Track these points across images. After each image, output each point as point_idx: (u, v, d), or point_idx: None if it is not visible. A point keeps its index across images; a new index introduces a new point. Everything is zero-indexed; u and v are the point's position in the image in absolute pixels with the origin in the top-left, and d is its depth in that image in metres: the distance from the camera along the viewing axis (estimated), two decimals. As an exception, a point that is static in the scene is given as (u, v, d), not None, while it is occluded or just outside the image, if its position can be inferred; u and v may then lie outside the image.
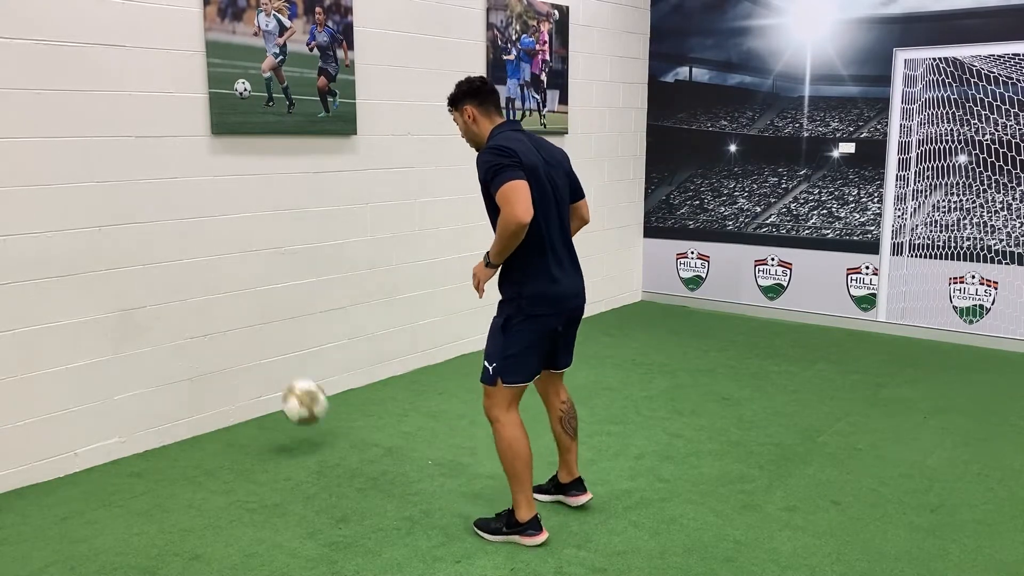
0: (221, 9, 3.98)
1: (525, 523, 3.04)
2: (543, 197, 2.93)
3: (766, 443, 4.05)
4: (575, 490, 3.35)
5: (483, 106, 3.05)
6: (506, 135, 2.96)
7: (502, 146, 2.87)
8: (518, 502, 3.05)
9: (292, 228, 4.47)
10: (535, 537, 3.05)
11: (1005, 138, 5.61)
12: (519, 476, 3.02)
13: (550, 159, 3.03)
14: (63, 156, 3.55)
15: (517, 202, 2.77)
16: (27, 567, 2.94)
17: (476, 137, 3.07)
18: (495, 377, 2.99)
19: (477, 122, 3.05)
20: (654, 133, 7.16)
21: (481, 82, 3.07)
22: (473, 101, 3.05)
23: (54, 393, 3.64)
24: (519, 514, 3.05)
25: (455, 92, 3.08)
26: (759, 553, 3.02)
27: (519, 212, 2.77)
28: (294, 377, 4.04)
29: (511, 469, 3.02)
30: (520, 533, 3.05)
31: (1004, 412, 4.49)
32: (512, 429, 3.01)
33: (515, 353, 2.97)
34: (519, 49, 5.70)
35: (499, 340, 2.99)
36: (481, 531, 3.13)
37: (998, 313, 5.77)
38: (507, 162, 2.83)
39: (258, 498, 3.47)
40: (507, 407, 3.02)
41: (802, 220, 6.52)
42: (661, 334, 6.20)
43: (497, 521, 3.11)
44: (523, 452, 3.02)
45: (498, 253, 2.90)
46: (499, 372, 2.98)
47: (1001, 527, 3.21)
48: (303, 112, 4.40)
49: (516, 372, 2.99)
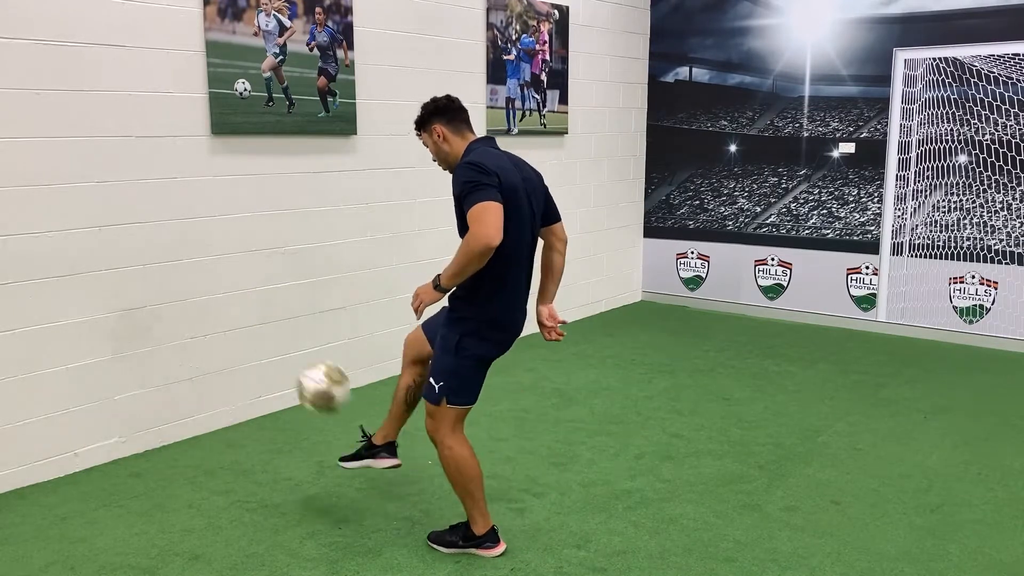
0: (221, 9, 3.98)
1: (482, 536, 2.99)
2: (520, 219, 2.81)
3: (766, 443, 4.05)
4: (387, 452, 3.30)
5: (452, 123, 2.91)
6: (485, 151, 2.82)
7: (481, 164, 2.73)
8: (473, 517, 2.99)
9: (292, 228, 4.46)
10: (493, 549, 2.99)
11: (1005, 138, 5.61)
12: (472, 494, 2.96)
13: (528, 179, 2.90)
14: (63, 156, 3.55)
15: (489, 223, 2.63)
16: (27, 567, 2.94)
17: (447, 156, 2.93)
18: (440, 397, 2.88)
19: (448, 140, 2.90)
20: (654, 133, 7.16)
21: (448, 100, 2.94)
22: (441, 119, 2.91)
23: (54, 393, 3.64)
24: (475, 528, 2.99)
25: (420, 114, 2.96)
26: (759, 553, 3.02)
27: (491, 233, 2.62)
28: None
29: (462, 489, 2.96)
30: (478, 546, 2.99)
31: (1004, 412, 4.49)
32: (459, 449, 2.92)
33: (467, 375, 2.88)
34: (519, 49, 5.70)
35: (450, 359, 2.87)
36: (436, 544, 3.05)
37: (998, 313, 5.77)
38: (485, 180, 2.69)
39: (258, 498, 3.47)
40: (452, 428, 2.92)
41: (802, 220, 6.52)
42: (661, 334, 6.20)
43: (452, 534, 3.04)
44: (473, 471, 2.94)
45: (453, 275, 2.73)
46: (445, 392, 2.87)
47: (1001, 527, 3.21)
48: (303, 112, 4.40)
49: (463, 394, 2.90)
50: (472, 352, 2.87)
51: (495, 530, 3.02)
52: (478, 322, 2.86)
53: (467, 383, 2.90)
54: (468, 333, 2.86)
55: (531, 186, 2.91)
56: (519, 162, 2.94)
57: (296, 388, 3.17)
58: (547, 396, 4.72)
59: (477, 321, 2.86)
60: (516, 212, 2.79)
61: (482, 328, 2.86)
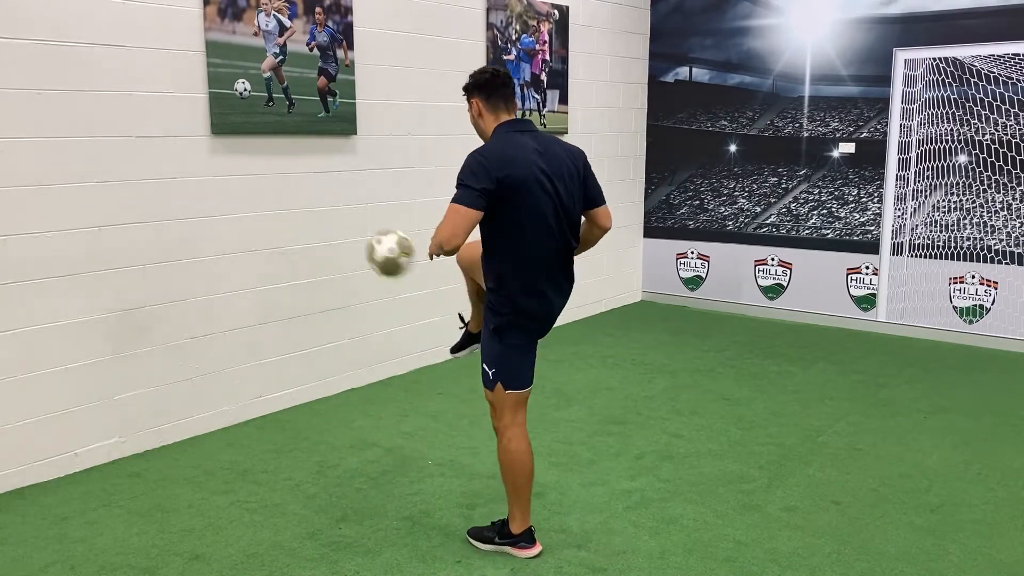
0: (221, 9, 3.98)
1: (518, 535, 3.00)
2: (535, 211, 2.77)
3: (766, 443, 4.05)
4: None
5: (490, 101, 2.89)
6: (502, 139, 2.81)
7: (484, 161, 2.72)
8: (513, 514, 3.00)
9: (292, 228, 4.46)
10: (528, 550, 3.00)
11: (1005, 138, 5.61)
12: (519, 490, 2.98)
13: (557, 166, 2.82)
14: (63, 156, 3.55)
15: (451, 227, 2.66)
16: (27, 567, 2.94)
17: (480, 132, 2.95)
18: (495, 382, 2.92)
19: (483, 117, 2.91)
20: (654, 133, 7.16)
21: (492, 75, 2.91)
22: (480, 95, 2.90)
23: (54, 393, 3.64)
24: (513, 526, 3.01)
25: (468, 81, 2.95)
26: (759, 553, 3.02)
27: (447, 237, 2.66)
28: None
29: (512, 482, 2.97)
30: (513, 545, 3.01)
31: (1004, 412, 4.49)
32: (517, 443, 2.94)
33: (512, 361, 2.91)
34: (519, 49, 5.70)
35: (495, 346, 2.91)
36: (474, 540, 3.08)
37: (998, 313, 5.77)
38: (473, 184, 2.68)
39: (258, 498, 3.47)
40: (513, 417, 2.94)
41: (802, 220, 6.52)
42: (661, 334, 6.20)
43: (490, 530, 3.07)
44: (526, 468, 2.96)
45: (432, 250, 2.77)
46: (499, 377, 2.91)
47: (1001, 527, 3.21)
48: (303, 112, 4.40)
49: (515, 378, 2.93)
50: (510, 340, 2.90)
51: (532, 531, 3.04)
52: (510, 314, 2.88)
53: (514, 368, 2.92)
54: (503, 323, 2.89)
55: (557, 171, 2.83)
56: (551, 146, 2.88)
57: (367, 249, 3.06)
58: (547, 396, 4.72)
59: (509, 313, 2.88)
60: (526, 206, 2.76)
61: (514, 317, 2.88)
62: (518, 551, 3.01)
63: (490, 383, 2.95)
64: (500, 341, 2.90)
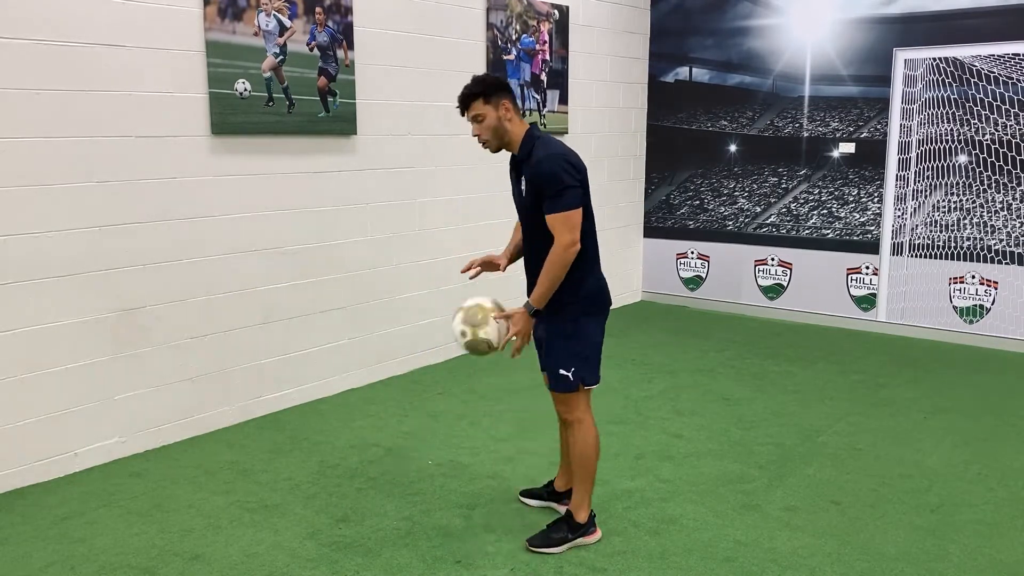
0: (221, 9, 3.98)
1: (587, 523, 3.06)
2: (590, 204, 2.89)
3: (766, 443, 4.05)
4: (568, 499, 3.29)
5: (515, 103, 2.87)
6: (548, 138, 2.85)
7: (573, 161, 2.78)
8: (581, 503, 3.05)
9: (292, 228, 4.47)
10: (595, 534, 3.09)
11: (1005, 138, 5.61)
12: (592, 476, 3.05)
13: None
14: (63, 156, 3.55)
15: (575, 230, 2.75)
16: (27, 567, 2.94)
17: (505, 136, 2.85)
18: (577, 383, 2.94)
19: (513, 119, 2.84)
20: (654, 133, 7.16)
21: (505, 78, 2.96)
22: (509, 96, 2.84)
23: (54, 393, 3.64)
24: (580, 515, 3.05)
25: (487, 83, 2.82)
26: (759, 553, 3.02)
27: (576, 239, 2.75)
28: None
29: (588, 468, 3.03)
30: (584, 534, 3.06)
31: (1004, 412, 4.49)
32: (594, 429, 3.03)
33: (592, 354, 2.97)
34: (519, 49, 5.70)
35: (575, 344, 2.93)
36: (543, 548, 3.01)
37: (998, 313, 5.77)
38: (573, 183, 2.74)
39: (258, 498, 3.47)
40: (587, 404, 3.02)
41: (802, 220, 6.52)
42: (661, 334, 6.20)
43: (557, 531, 3.05)
44: (598, 453, 3.05)
45: (547, 292, 2.80)
46: (580, 376, 2.93)
47: (1001, 527, 3.21)
48: (303, 112, 4.40)
49: (592, 372, 2.99)
50: (589, 331, 2.95)
51: (594, 515, 3.10)
52: (583, 303, 2.91)
53: (594, 361, 2.98)
54: (579, 315, 2.92)
55: None
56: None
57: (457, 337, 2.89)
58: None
59: (581, 302, 2.91)
60: (588, 196, 2.86)
61: (587, 306, 2.93)
62: (589, 538, 3.06)
63: (571, 385, 2.95)
64: (580, 337, 2.92)
